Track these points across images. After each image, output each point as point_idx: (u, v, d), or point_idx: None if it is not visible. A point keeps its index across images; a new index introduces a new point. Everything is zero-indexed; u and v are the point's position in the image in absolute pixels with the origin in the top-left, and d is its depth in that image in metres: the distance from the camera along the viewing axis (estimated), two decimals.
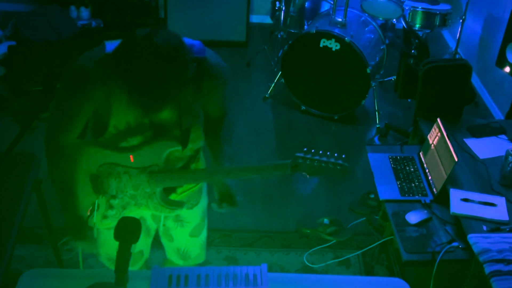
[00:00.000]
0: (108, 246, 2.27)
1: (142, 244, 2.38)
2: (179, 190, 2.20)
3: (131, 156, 2.02)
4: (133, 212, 2.13)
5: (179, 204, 2.15)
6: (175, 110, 1.94)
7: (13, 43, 5.15)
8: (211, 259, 3.27)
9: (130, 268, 1.73)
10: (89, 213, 2.15)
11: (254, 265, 2.41)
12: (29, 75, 4.71)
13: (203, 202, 2.36)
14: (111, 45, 1.81)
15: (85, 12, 5.57)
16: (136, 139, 1.99)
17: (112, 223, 2.13)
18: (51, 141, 2.02)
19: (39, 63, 4.89)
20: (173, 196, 2.18)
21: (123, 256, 1.67)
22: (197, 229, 2.39)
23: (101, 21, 5.59)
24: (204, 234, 2.45)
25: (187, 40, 1.86)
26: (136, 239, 1.71)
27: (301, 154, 1.94)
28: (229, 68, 2.03)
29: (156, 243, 2.50)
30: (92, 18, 5.60)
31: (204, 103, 2.05)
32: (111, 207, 2.12)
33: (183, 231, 2.36)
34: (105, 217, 2.14)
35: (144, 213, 2.23)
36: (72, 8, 5.55)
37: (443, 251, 2.58)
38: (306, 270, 3.28)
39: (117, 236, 1.71)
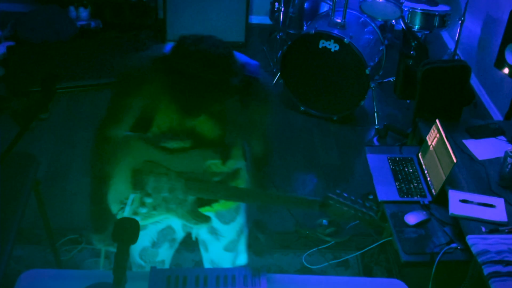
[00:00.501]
0: (134, 247, 2.24)
1: (165, 254, 2.36)
2: (214, 205, 2.19)
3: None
4: (162, 215, 2.14)
5: (205, 219, 2.15)
6: (220, 123, 1.97)
7: (12, 43, 5.15)
8: None
9: None
10: (122, 206, 2.15)
11: (253, 265, 2.41)
12: (28, 75, 4.71)
13: (240, 219, 2.34)
14: (170, 46, 1.83)
15: (84, 13, 5.57)
16: (177, 143, 2.01)
17: (141, 221, 2.14)
18: (101, 132, 2.06)
19: (38, 63, 4.89)
20: (206, 209, 2.17)
21: (122, 256, 1.67)
22: (232, 244, 2.37)
23: (100, 22, 5.59)
24: (240, 250, 2.41)
25: (244, 58, 1.91)
26: (134, 240, 1.71)
27: (333, 196, 1.96)
28: (273, 96, 2.07)
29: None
30: (91, 18, 5.59)
31: (249, 127, 2.06)
32: (143, 204, 2.13)
33: (218, 244, 2.35)
34: (135, 213, 2.15)
35: (173, 221, 2.23)
36: (71, 8, 5.55)
37: (441, 252, 2.58)
38: (305, 271, 3.28)
39: (115, 237, 1.71)
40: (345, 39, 4.21)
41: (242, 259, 2.44)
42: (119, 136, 2.04)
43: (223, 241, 2.34)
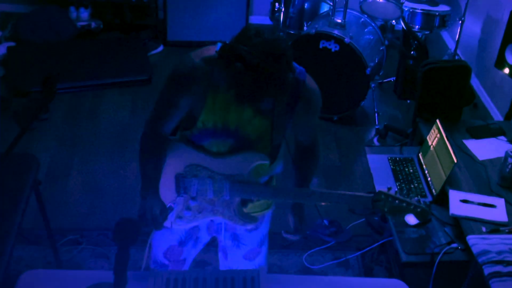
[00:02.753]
0: (161, 245, 2.30)
1: (188, 252, 2.37)
2: (249, 206, 2.20)
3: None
4: (205, 218, 2.16)
5: (252, 219, 2.17)
6: (265, 123, 2.00)
7: (12, 43, 5.15)
8: (210, 260, 3.26)
9: None
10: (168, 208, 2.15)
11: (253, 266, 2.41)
12: (29, 75, 4.72)
13: (263, 229, 2.35)
14: (220, 44, 1.86)
15: (84, 13, 5.57)
16: (218, 144, 2.04)
17: (186, 224, 2.17)
18: (149, 128, 2.06)
19: (39, 64, 4.89)
20: (248, 209, 2.19)
21: (122, 257, 1.67)
22: (252, 253, 2.37)
23: (101, 22, 5.59)
24: (259, 260, 2.42)
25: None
26: (134, 240, 1.71)
27: (385, 191, 1.99)
28: (321, 100, 2.06)
29: None
30: (91, 19, 5.60)
31: (295, 126, 2.10)
32: (188, 208, 2.14)
33: (238, 252, 2.35)
34: (179, 217, 2.16)
35: (201, 222, 2.24)
36: (72, 9, 5.55)
37: (442, 252, 2.58)
38: (305, 271, 3.28)
39: (115, 237, 1.70)
40: (345, 39, 4.21)
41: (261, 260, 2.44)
42: (166, 133, 2.06)
43: (244, 249, 2.34)
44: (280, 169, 2.19)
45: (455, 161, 2.73)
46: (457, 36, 4.89)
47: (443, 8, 4.82)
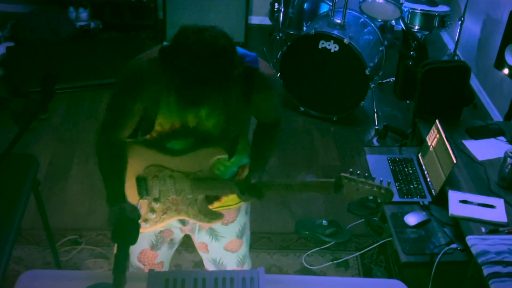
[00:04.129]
0: (133, 249, 2.26)
1: (164, 255, 2.34)
2: (216, 204, 2.18)
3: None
4: (171, 218, 2.13)
5: (218, 216, 2.14)
6: (222, 118, 1.95)
7: (12, 44, 5.15)
8: None
9: None
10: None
11: (253, 266, 2.41)
12: (28, 76, 4.71)
13: (240, 220, 2.32)
14: (166, 43, 1.83)
15: (83, 13, 5.57)
16: (180, 143, 2.01)
17: (151, 226, 2.15)
18: (103, 137, 2.02)
19: (38, 64, 4.89)
20: (215, 205, 2.17)
21: (121, 257, 1.67)
22: (232, 245, 2.35)
23: (100, 22, 5.59)
24: (242, 252, 2.39)
25: (241, 50, 1.89)
26: (133, 240, 1.71)
27: (347, 175, 1.95)
28: (279, 81, 2.04)
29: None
30: (90, 19, 5.60)
31: (255, 114, 2.07)
32: (152, 210, 2.12)
33: (218, 245, 2.33)
34: (145, 220, 2.13)
35: (171, 224, 2.22)
36: (71, 9, 5.55)
37: (441, 252, 2.58)
38: (305, 271, 3.28)
39: (114, 237, 1.70)
40: (344, 40, 4.21)
41: (246, 261, 2.43)
42: (120, 141, 2.02)
43: (223, 241, 2.32)
44: (247, 160, 2.14)
45: (455, 161, 2.73)
46: (456, 37, 4.90)
47: (442, 8, 4.82)
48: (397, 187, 2.96)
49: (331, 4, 4.43)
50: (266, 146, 2.17)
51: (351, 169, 1.96)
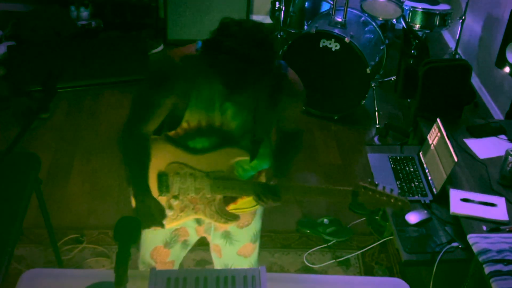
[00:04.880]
0: (146, 246, 2.30)
1: (176, 254, 2.36)
2: (231, 207, 2.19)
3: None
4: (188, 217, 2.15)
5: (234, 217, 2.16)
6: (248, 119, 1.98)
7: (12, 43, 5.15)
8: (211, 259, 3.26)
9: None
10: None
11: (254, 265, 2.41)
12: (29, 75, 4.72)
13: (255, 225, 2.34)
14: (200, 43, 1.86)
15: (85, 12, 5.57)
16: (203, 141, 2.02)
17: (167, 224, 2.16)
18: (128, 131, 2.04)
19: (39, 63, 4.90)
20: (231, 207, 2.18)
21: (123, 256, 1.67)
22: (246, 249, 2.36)
23: (101, 21, 5.59)
24: (254, 257, 2.41)
25: None
26: (135, 239, 1.71)
27: (366, 184, 1.98)
28: (305, 91, 2.06)
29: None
30: (92, 18, 5.60)
31: (280, 120, 2.09)
32: (170, 207, 2.13)
33: (231, 249, 2.34)
34: (164, 217, 2.15)
35: (188, 224, 2.24)
36: (72, 8, 5.55)
37: (443, 251, 2.58)
38: (306, 270, 3.28)
39: (116, 236, 1.70)
40: (345, 39, 4.21)
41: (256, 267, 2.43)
42: (145, 136, 2.04)
43: (237, 245, 2.33)
44: (267, 165, 2.16)
45: (456, 160, 2.73)
46: (457, 35, 4.90)
47: (443, 7, 4.82)
48: (398, 186, 2.96)
49: (332, 2, 4.43)
50: (288, 155, 2.18)
51: (369, 179, 1.99)
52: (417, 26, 4.77)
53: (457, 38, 4.91)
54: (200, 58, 1.78)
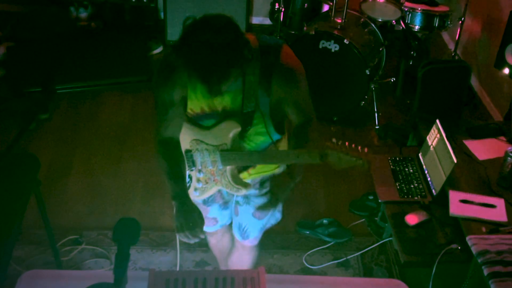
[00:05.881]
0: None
1: (216, 213, 2.52)
2: (252, 171, 2.31)
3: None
4: (213, 188, 2.29)
5: (245, 185, 2.26)
6: (239, 95, 2.06)
7: (12, 44, 5.15)
8: (210, 260, 3.27)
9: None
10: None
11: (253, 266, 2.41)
12: (28, 76, 4.71)
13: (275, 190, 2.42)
14: None
15: (84, 13, 5.57)
16: (211, 120, 2.14)
17: (199, 195, 2.33)
18: (158, 137, 2.20)
19: (38, 64, 4.89)
20: (244, 175, 2.30)
21: (122, 257, 1.67)
22: (260, 211, 2.45)
23: (100, 22, 5.59)
24: (266, 219, 2.51)
25: (265, 36, 2.06)
26: (134, 240, 1.70)
27: (331, 143, 2.04)
28: (301, 76, 2.11)
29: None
30: (91, 19, 5.59)
31: (280, 101, 2.12)
32: (198, 180, 2.29)
33: (247, 208, 2.45)
34: (195, 189, 2.32)
35: (217, 194, 2.42)
36: (71, 9, 5.55)
37: (442, 252, 2.58)
38: (305, 271, 3.28)
39: (115, 237, 1.70)
40: (345, 40, 4.21)
41: (271, 221, 2.56)
42: (175, 141, 2.21)
43: (253, 206, 2.43)
44: (275, 137, 2.24)
45: (455, 161, 2.73)
46: (457, 36, 4.89)
47: (443, 8, 4.82)
48: (398, 187, 2.96)
49: (331, 4, 4.43)
50: (299, 142, 2.22)
51: (334, 139, 2.03)
52: (417, 27, 4.76)
53: (456, 39, 4.91)
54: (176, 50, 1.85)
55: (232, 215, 2.58)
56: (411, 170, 3.06)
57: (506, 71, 3.78)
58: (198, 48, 1.77)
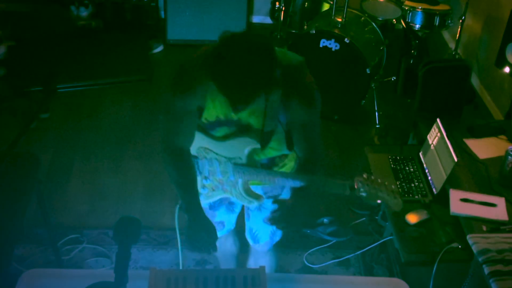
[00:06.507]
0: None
1: (223, 216, 2.51)
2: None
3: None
4: (220, 195, 2.30)
5: (257, 197, 2.25)
6: (261, 115, 2.03)
7: (12, 43, 5.15)
8: (210, 259, 3.27)
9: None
10: None
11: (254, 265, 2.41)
12: (29, 75, 4.72)
13: (284, 196, 2.41)
14: None
15: (85, 12, 5.57)
16: (224, 130, 2.11)
17: (204, 200, 2.31)
18: (165, 148, 2.15)
19: (39, 63, 4.89)
20: (254, 182, 2.27)
21: (123, 256, 1.67)
22: (271, 218, 2.43)
23: (101, 22, 5.59)
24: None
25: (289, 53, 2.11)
26: (135, 239, 1.71)
27: (361, 178, 2.01)
28: (319, 98, 2.10)
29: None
30: (91, 18, 5.60)
31: (291, 124, 2.11)
32: (203, 186, 2.30)
33: (259, 214, 2.44)
34: (200, 194, 2.28)
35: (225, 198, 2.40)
36: (72, 8, 5.55)
37: (442, 251, 2.58)
38: (306, 270, 3.28)
39: (116, 236, 1.70)
40: (345, 39, 4.21)
41: (278, 235, 2.55)
42: (186, 150, 2.16)
43: (264, 212, 2.42)
44: (283, 152, 2.23)
45: (456, 160, 2.73)
46: (457, 35, 4.89)
47: (443, 7, 4.82)
48: (398, 186, 2.96)
49: (332, 2, 4.43)
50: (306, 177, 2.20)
51: (364, 175, 2.01)
52: (417, 26, 4.76)
53: (457, 38, 4.91)
54: (207, 59, 1.82)
55: (236, 220, 2.59)
56: (412, 169, 3.06)
57: (507, 69, 3.77)
58: (232, 64, 1.73)
